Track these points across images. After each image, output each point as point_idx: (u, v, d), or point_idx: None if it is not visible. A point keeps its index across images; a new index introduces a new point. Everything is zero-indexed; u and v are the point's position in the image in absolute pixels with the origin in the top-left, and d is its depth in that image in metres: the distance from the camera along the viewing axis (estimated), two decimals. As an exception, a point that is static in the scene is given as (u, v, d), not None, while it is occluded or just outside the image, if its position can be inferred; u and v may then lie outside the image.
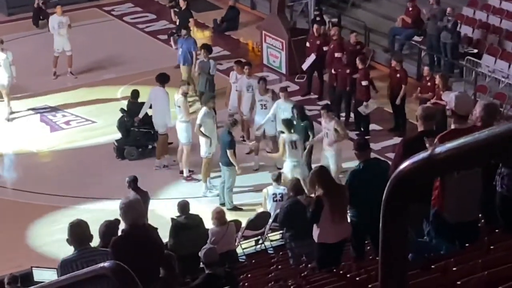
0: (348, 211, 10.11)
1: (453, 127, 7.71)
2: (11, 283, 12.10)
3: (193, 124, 17.68)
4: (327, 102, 20.13)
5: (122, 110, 19.16)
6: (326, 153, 17.10)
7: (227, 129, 16.93)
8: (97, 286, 5.43)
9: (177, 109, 18.10)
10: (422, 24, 23.00)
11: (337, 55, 20.75)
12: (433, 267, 7.23)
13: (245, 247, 14.78)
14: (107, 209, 15.62)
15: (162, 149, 18.70)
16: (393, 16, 23.95)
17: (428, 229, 8.11)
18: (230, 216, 14.75)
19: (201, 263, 10.59)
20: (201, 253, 10.47)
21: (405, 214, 2.79)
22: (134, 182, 14.56)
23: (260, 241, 14.94)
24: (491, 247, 7.43)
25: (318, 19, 23.93)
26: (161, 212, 16.12)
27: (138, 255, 7.12)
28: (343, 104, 20.30)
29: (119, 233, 8.37)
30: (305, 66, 21.99)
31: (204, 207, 16.06)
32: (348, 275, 8.80)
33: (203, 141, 17.38)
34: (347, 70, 19.95)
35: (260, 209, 15.83)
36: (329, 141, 16.96)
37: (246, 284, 10.80)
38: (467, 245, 7.88)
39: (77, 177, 18.36)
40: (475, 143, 2.63)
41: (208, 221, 13.62)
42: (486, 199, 7.82)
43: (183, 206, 13.81)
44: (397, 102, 19.49)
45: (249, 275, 11.63)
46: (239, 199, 17.37)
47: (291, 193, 12.70)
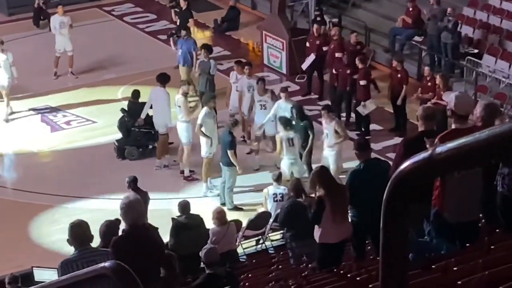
0: (348, 211, 10.12)
1: (453, 127, 7.71)
2: (11, 283, 12.11)
3: (194, 124, 17.69)
4: (328, 102, 20.13)
5: (122, 110, 19.17)
6: (326, 154, 17.10)
7: (228, 129, 16.93)
8: (98, 286, 5.43)
9: (177, 109, 18.10)
10: (422, 24, 23.00)
11: (337, 55, 20.77)
12: (433, 267, 7.23)
13: (245, 247, 14.78)
14: (108, 209, 15.63)
15: (162, 149, 18.70)
16: (394, 16, 23.94)
17: (428, 229, 8.10)
18: (230, 216, 14.74)
19: (202, 263, 10.58)
20: (201, 253, 10.46)
21: (406, 214, 2.79)
22: (133, 182, 14.55)
23: (260, 241, 14.94)
24: (492, 247, 7.43)
25: (318, 19, 23.94)
26: (162, 212, 16.11)
27: (138, 255, 7.12)
28: (344, 104, 20.32)
29: (120, 233, 8.36)
30: (304, 66, 21.99)
31: (204, 207, 16.07)
32: (348, 275, 8.80)
33: (204, 141, 17.38)
34: (348, 70, 19.94)
35: (260, 209, 15.83)
36: (329, 142, 16.95)
37: (246, 284, 10.80)
38: (467, 245, 7.88)
39: (78, 177, 18.36)
40: (475, 143, 2.63)
41: (208, 221, 13.62)
42: (486, 199, 7.83)
43: (184, 206, 13.80)
44: (398, 102, 19.49)
45: (250, 275, 11.63)
46: (240, 199, 17.37)
47: (291, 193, 12.71)
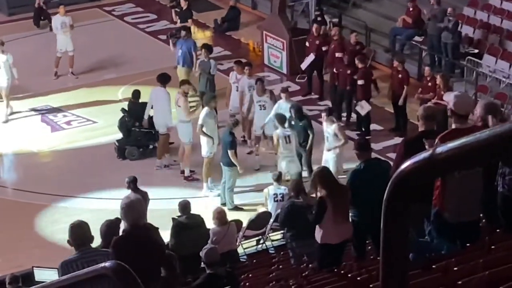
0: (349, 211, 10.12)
1: (453, 127, 7.70)
2: (12, 283, 12.10)
3: (194, 124, 17.69)
4: (328, 104, 20.12)
5: (123, 110, 19.16)
6: (326, 157, 17.04)
7: (229, 129, 16.92)
8: (98, 286, 5.43)
9: (177, 109, 18.11)
10: (423, 24, 23.00)
11: (338, 55, 20.76)
12: (434, 267, 7.23)
13: (246, 247, 14.78)
14: (108, 209, 15.63)
15: (163, 149, 18.70)
16: (394, 16, 23.94)
17: (429, 229, 8.10)
18: (231, 216, 14.73)
19: (202, 263, 10.59)
20: (202, 253, 10.46)
21: (406, 214, 2.79)
22: (133, 182, 14.55)
23: (261, 241, 14.94)
24: (492, 247, 7.43)
25: (319, 19, 23.93)
26: (162, 212, 16.10)
27: (139, 255, 7.11)
28: (345, 104, 20.31)
29: (120, 233, 8.36)
30: (304, 65, 21.99)
31: (205, 207, 16.07)
32: (349, 275, 8.80)
33: (204, 141, 17.38)
34: (348, 70, 19.94)
35: (261, 209, 15.83)
36: (329, 145, 16.93)
37: (247, 284, 10.80)
38: (468, 245, 7.88)
39: (78, 177, 18.36)
40: (476, 143, 2.63)
41: (209, 221, 13.62)
42: (487, 199, 7.82)
43: (184, 206, 13.79)
44: (400, 102, 19.47)
45: (250, 275, 11.63)
46: (240, 199, 17.37)
47: (292, 193, 12.71)
